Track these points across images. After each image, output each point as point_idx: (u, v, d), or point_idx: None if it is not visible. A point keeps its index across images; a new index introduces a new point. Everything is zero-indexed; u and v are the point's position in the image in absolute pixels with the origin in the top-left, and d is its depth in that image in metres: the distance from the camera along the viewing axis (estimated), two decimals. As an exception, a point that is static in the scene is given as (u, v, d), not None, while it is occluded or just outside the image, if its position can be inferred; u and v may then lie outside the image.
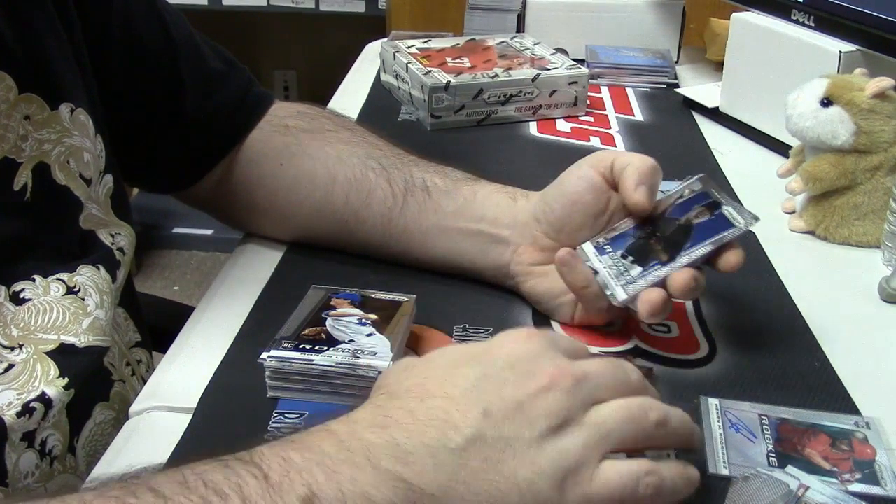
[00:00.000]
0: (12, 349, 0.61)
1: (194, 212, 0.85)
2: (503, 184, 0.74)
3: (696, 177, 0.67)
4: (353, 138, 0.78)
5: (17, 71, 0.60)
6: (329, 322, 0.62)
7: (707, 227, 0.64)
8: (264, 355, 0.59)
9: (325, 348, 0.59)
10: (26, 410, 0.60)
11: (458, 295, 0.72)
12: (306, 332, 0.61)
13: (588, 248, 0.65)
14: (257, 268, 0.78)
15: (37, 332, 0.62)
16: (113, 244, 0.69)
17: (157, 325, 0.80)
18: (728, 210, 0.63)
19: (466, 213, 0.72)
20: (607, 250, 0.65)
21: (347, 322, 0.62)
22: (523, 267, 0.70)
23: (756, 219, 0.64)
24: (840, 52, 0.94)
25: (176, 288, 2.48)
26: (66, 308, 0.64)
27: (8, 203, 0.61)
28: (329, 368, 0.58)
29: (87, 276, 0.66)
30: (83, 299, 0.65)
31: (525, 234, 0.69)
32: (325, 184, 0.76)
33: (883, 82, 0.82)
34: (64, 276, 0.64)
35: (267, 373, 0.59)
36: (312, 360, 0.58)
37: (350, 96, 1.21)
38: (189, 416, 0.59)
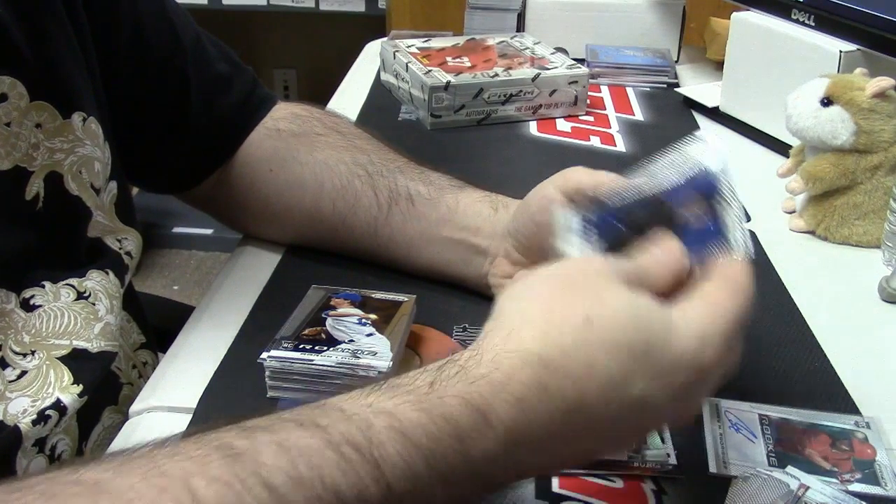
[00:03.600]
0: (24, 355, 0.61)
1: (194, 211, 0.85)
2: (501, 184, 0.74)
3: (700, 141, 0.52)
4: (341, 142, 0.78)
5: (29, 78, 0.60)
6: (329, 322, 0.62)
7: (695, 237, 0.49)
8: (264, 355, 0.59)
9: (325, 348, 0.59)
10: (42, 418, 0.60)
11: (458, 295, 0.72)
12: (306, 332, 0.61)
13: (569, 220, 0.53)
14: (257, 268, 0.78)
15: (49, 337, 0.62)
16: (120, 249, 0.69)
17: (157, 325, 0.80)
18: (732, 222, 0.48)
19: (449, 223, 0.71)
20: (587, 235, 0.52)
21: (347, 322, 0.62)
22: (496, 279, 0.69)
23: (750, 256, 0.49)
24: (840, 51, 0.94)
25: (176, 287, 2.48)
26: (78, 313, 0.64)
27: (20, 212, 0.61)
28: (329, 368, 0.58)
29: (97, 281, 0.66)
30: (94, 304, 0.65)
31: (501, 246, 0.69)
32: (314, 190, 0.76)
33: (883, 82, 0.82)
34: (74, 281, 0.64)
35: (267, 373, 0.59)
36: (312, 361, 0.58)
37: (350, 96, 1.21)
38: (189, 416, 0.59)
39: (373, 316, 0.63)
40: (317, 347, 0.59)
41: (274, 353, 0.59)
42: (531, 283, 0.46)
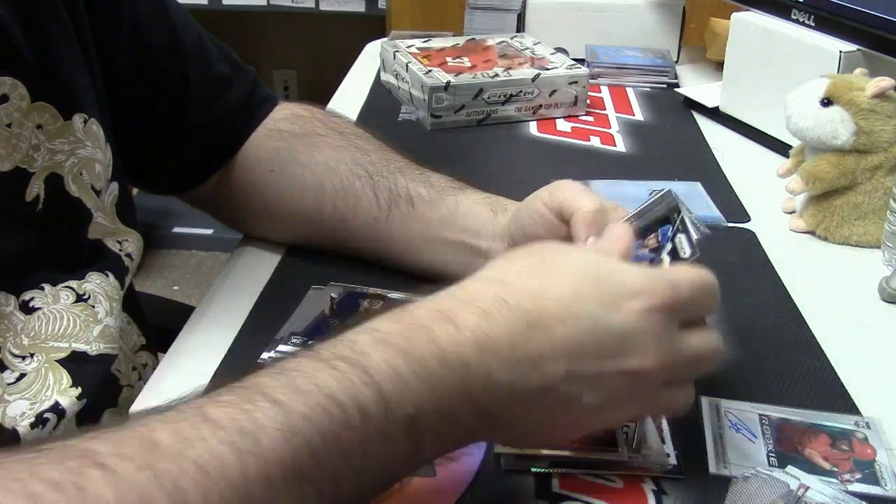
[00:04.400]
0: (23, 358, 0.61)
1: (194, 212, 0.85)
2: (501, 184, 0.74)
3: (660, 194, 0.60)
4: (342, 143, 0.78)
5: (30, 79, 0.60)
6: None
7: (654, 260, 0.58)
8: (265, 355, 0.59)
9: None
10: (40, 421, 0.60)
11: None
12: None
13: None
14: (257, 268, 0.78)
15: (48, 340, 0.62)
16: (121, 251, 0.69)
17: (158, 326, 0.80)
18: (679, 240, 0.58)
19: (449, 224, 0.71)
20: None
21: None
22: None
23: (696, 253, 0.56)
24: (840, 51, 0.95)
25: (176, 288, 2.48)
26: (77, 316, 0.64)
27: (20, 214, 0.60)
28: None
29: (97, 284, 0.66)
30: (93, 307, 0.65)
31: (500, 249, 0.68)
32: (314, 191, 0.76)
33: (883, 82, 0.82)
34: (73, 283, 0.64)
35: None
36: None
37: (350, 96, 1.21)
38: (189, 416, 0.59)
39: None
40: None
41: (282, 348, 0.59)
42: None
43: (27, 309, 0.61)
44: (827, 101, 0.84)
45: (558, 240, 0.63)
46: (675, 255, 0.57)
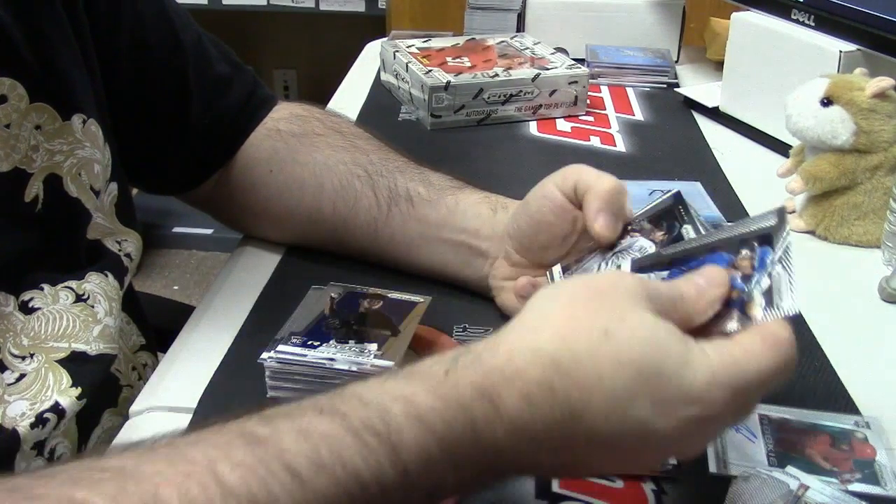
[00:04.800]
0: (23, 358, 0.61)
1: (194, 211, 0.85)
2: (501, 184, 0.74)
3: (671, 193, 0.60)
4: (341, 143, 0.78)
5: (29, 79, 0.60)
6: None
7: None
8: (265, 355, 0.59)
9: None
10: (40, 421, 0.60)
11: (458, 295, 0.72)
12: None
13: (556, 271, 0.62)
14: (257, 268, 0.78)
15: (47, 340, 0.62)
16: (120, 251, 0.69)
17: (157, 325, 0.80)
18: (686, 230, 0.57)
19: (449, 224, 0.71)
20: (574, 275, 0.61)
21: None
22: (497, 281, 0.69)
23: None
24: (840, 51, 0.94)
25: (176, 287, 2.48)
26: (76, 316, 0.64)
27: (19, 214, 0.61)
28: (334, 368, 0.58)
29: (96, 284, 0.66)
30: (92, 307, 0.65)
31: (501, 248, 0.69)
32: (314, 191, 0.76)
33: (883, 82, 0.82)
34: (73, 283, 0.64)
35: (267, 373, 0.59)
36: (321, 357, 0.58)
37: (350, 96, 1.21)
38: (189, 416, 0.59)
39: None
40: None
41: (282, 348, 0.59)
42: (563, 287, 0.47)
43: (27, 309, 0.61)
44: (827, 101, 0.84)
45: (569, 226, 0.63)
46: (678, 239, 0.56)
